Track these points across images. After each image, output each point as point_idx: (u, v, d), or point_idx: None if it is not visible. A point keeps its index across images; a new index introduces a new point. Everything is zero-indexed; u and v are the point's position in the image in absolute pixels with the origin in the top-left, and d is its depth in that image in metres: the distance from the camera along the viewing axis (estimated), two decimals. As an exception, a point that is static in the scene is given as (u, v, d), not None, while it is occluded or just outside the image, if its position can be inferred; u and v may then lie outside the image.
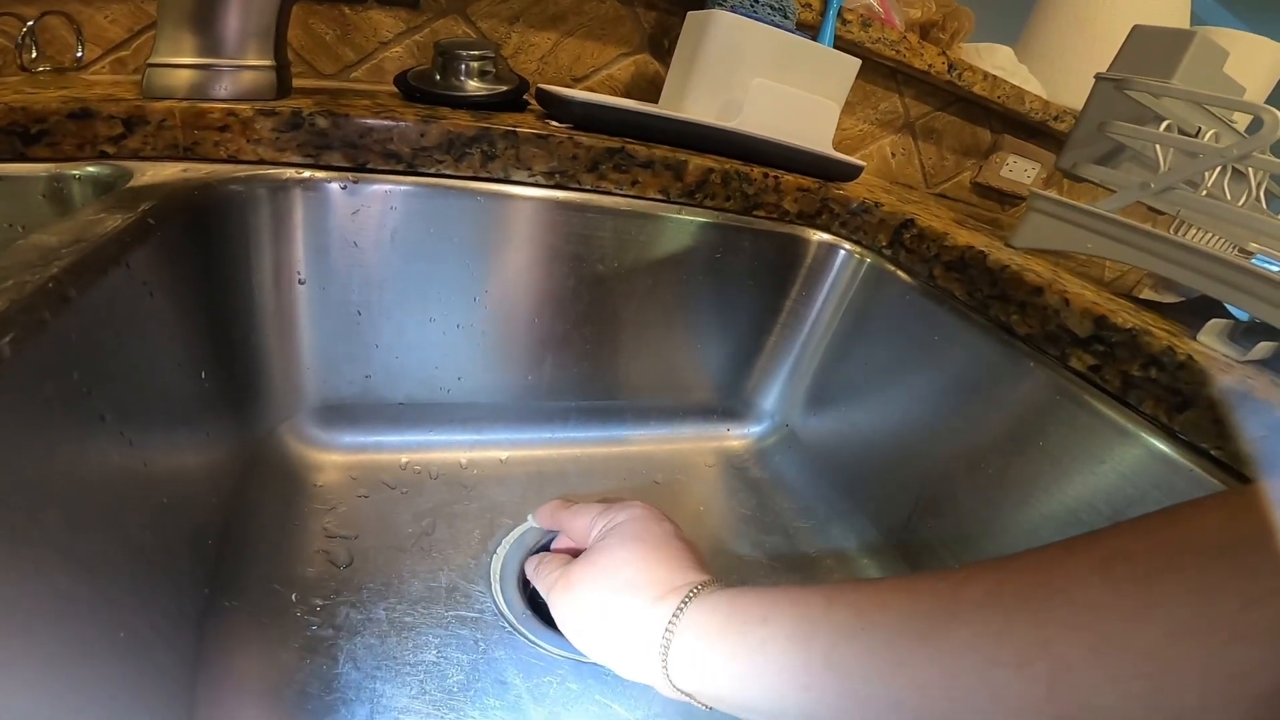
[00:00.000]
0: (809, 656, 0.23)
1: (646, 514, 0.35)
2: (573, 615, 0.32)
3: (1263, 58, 0.95)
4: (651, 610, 0.29)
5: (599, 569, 0.33)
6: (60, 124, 0.34)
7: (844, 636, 0.22)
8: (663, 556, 0.32)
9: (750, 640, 0.25)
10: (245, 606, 0.35)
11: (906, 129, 0.86)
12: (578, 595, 0.32)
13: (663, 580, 0.30)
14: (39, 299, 0.21)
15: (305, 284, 0.42)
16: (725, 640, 0.26)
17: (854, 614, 0.23)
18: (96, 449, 0.24)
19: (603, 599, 0.31)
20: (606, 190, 0.48)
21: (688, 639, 0.28)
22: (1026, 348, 0.42)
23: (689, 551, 0.33)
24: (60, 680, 0.20)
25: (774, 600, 0.26)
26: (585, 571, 0.33)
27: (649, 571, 0.31)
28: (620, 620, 0.30)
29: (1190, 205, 0.46)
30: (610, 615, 0.31)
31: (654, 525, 0.34)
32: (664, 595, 0.29)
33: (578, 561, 0.34)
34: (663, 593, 0.30)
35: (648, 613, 0.29)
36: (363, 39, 0.56)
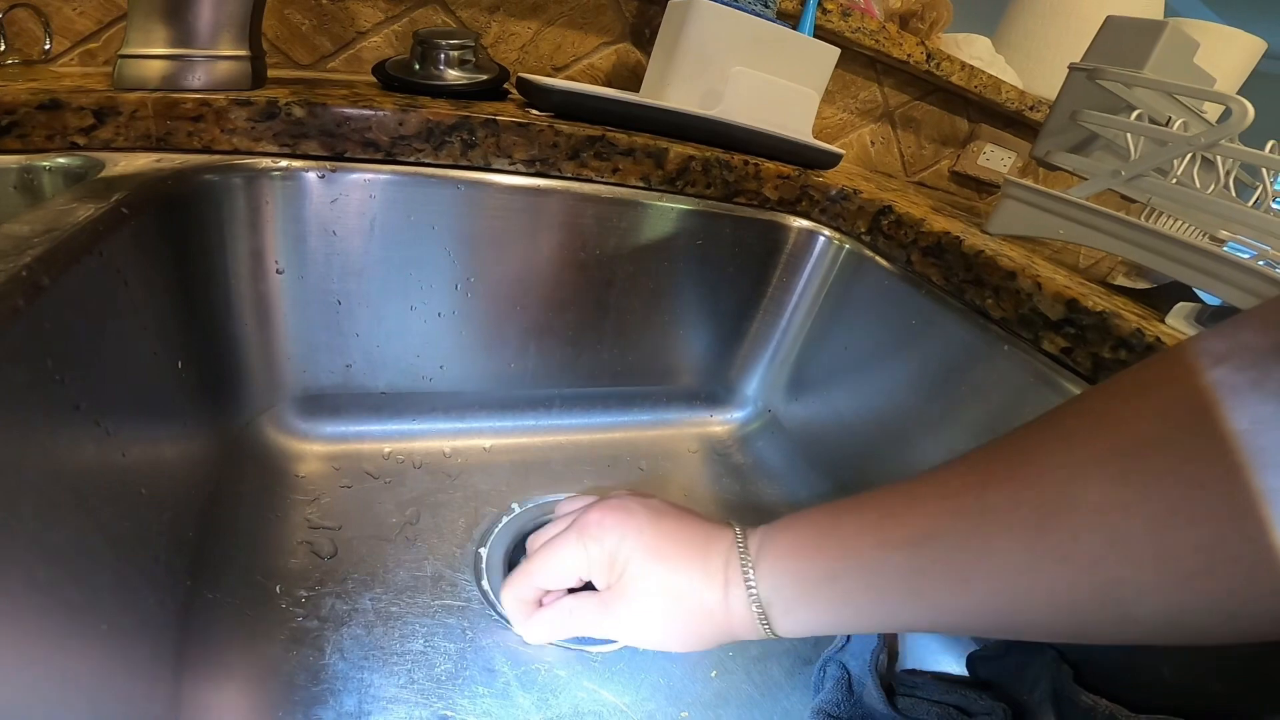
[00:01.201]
0: (889, 597, 0.26)
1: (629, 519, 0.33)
2: (637, 630, 0.32)
3: (1234, 49, 0.97)
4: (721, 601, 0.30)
5: (641, 597, 0.31)
6: (30, 115, 0.34)
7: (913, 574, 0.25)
8: (682, 544, 0.32)
9: (830, 597, 0.27)
10: (228, 598, 0.35)
11: (885, 118, 0.86)
12: (640, 625, 0.32)
13: (704, 568, 0.31)
14: (11, 286, 0.21)
15: (283, 273, 0.42)
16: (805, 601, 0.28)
17: (911, 553, 0.25)
18: (72, 438, 0.24)
19: (668, 616, 0.31)
20: (587, 178, 0.48)
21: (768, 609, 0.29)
22: (1001, 331, 0.42)
23: (687, 520, 0.33)
24: (43, 674, 0.20)
25: (830, 553, 0.27)
26: (629, 603, 0.32)
27: (688, 568, 0.31)
28: (696, 622, 0.31)
29: (1160, 192, 0.47)
30: (684, 624, 0.31)
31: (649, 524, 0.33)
32: (724, 582, 0.30)
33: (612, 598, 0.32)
34: (717, 575, 0.30)
35: (718, 605, 0.30)
36: (340, 28, 0.55)
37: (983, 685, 0.38)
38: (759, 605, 0.29)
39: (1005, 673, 0.38)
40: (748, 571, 0.29)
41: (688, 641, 0.32)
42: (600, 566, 0.32)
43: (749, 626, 0.30)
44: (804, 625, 0.29)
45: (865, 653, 0.39)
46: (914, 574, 0.24)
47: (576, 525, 0.33)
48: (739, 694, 0.39)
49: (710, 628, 0.31)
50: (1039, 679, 0.36)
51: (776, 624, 0.29)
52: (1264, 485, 0.17)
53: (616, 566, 0.32)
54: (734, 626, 0.30)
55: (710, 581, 0.30)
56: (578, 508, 0.36)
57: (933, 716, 0.35)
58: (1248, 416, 0.17)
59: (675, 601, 0.31)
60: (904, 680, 0.39)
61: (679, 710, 0.37)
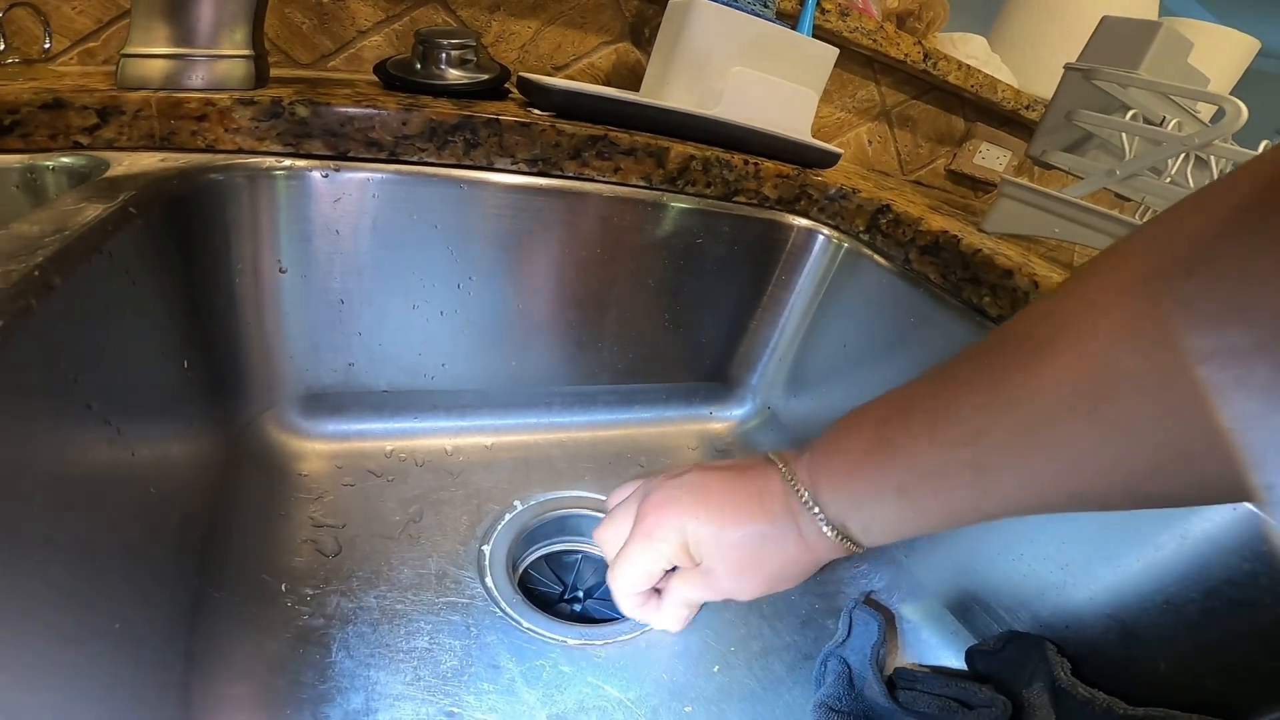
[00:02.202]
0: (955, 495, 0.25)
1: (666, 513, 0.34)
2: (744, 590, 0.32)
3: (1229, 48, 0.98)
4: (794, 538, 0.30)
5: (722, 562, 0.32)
6: (32, 115, 0.34)
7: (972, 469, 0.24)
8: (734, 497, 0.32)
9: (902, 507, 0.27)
10: (235, 597, 0.35)
11: (883, 117, 0.87)
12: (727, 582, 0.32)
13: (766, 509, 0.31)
14: (24, 287, 0.21)
15: (286, 272, 0.42)
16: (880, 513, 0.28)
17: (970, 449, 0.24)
18: (85, 438, 0.24)
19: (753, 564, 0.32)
20: (589, 177, 0.48)
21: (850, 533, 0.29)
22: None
23: (724, 474, 0.33)
24: (56, 671, 0.21)
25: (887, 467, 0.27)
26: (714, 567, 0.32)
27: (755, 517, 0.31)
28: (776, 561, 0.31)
29: (1154, 192, 0.47)
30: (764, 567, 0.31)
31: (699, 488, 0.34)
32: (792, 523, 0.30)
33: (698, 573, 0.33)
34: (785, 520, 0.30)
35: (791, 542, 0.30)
36: (340, 28, 0.55)
37: (982, 679, 0.39)
38: (834, 530, 0.29)
39: (1004, 667, 0.38)
40: (812, 507, 0.29)
41: (789, 578, 0.32)
42: (680, 557, 0.33)
43: (835, 549, 0.30)
44: (884, 535, 0.29)
45: (866, 647, 0.39)
46: (978, 470, 0.24)
47: (638, 532, 0.34)
48: (742, 688, 0.39)
49: (800, 564, 0.31)
50: (1037, 673, 0.36)
51: (858, 540, 0.29)
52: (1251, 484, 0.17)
53: (692, 552, 0.33)
54: (821, 554, 0.30)
55: (781, 527, 0.31)
56: (624, 498, 0.37)
57: (933, 709, 0.36)
58: (1232, 415, 0.18)
59: (760, 558, 0.31)
60: (904, 674, 0.39)
61: (683, 705, 0.37)
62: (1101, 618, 0.36)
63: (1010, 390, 0.23)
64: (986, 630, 0.42)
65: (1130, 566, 0.35)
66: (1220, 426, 0.18)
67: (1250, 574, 0.31)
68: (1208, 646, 0.33)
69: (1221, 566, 0.32)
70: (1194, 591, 0.33)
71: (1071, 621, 0.38)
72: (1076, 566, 0.38)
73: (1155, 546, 0.34)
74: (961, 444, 0.24)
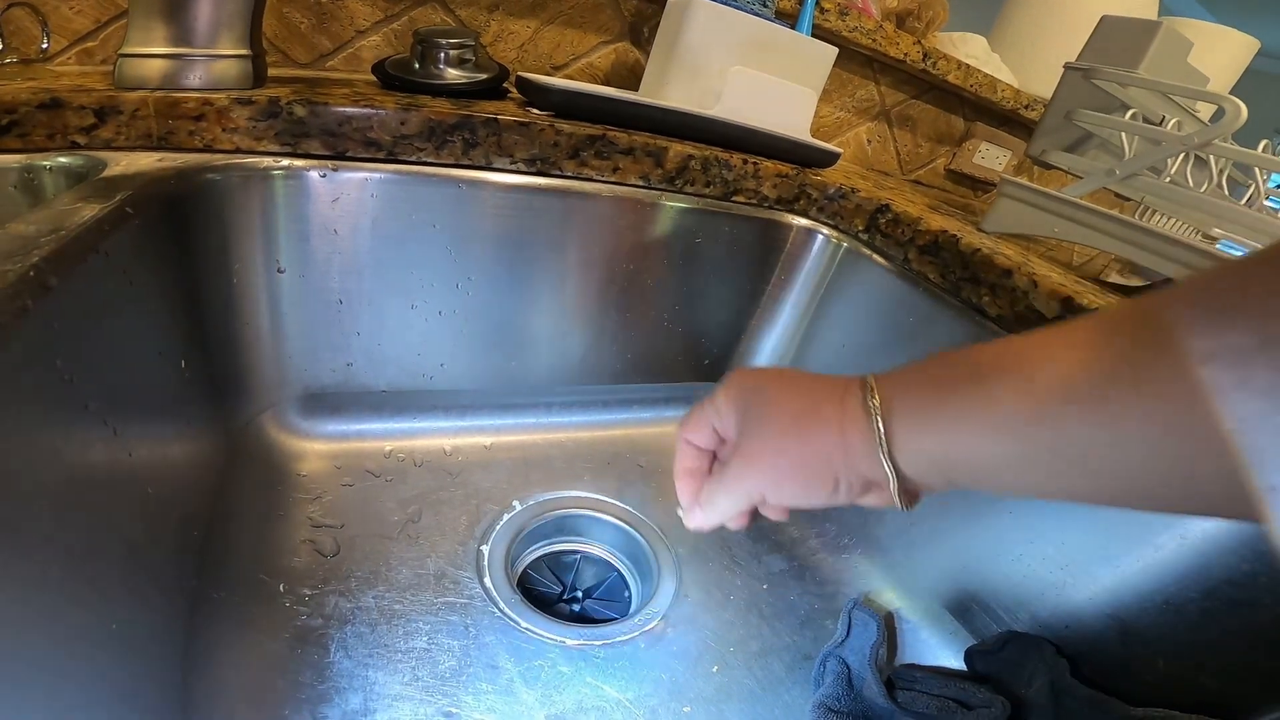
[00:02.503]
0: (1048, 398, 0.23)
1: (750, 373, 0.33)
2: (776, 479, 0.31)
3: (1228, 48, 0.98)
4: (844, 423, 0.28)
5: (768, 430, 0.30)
6: (30, 114, 0.34)
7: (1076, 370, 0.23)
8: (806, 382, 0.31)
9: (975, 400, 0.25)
10: (234, 597, 0.35)
11: (882, 116, 0.87)
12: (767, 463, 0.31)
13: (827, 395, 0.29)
14: (21, 287, 0.21)
15: (285, 272, 0.42)
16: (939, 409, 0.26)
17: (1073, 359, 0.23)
18: (82, 438, 0.24)
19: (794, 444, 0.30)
20: (588, 177, 0.48)
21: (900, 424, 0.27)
22: (997, 328, 0.43)
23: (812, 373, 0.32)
24: (55, 671, 0.21)
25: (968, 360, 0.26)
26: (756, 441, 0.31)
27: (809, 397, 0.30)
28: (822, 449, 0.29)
29: (1153, 191, 0.47)
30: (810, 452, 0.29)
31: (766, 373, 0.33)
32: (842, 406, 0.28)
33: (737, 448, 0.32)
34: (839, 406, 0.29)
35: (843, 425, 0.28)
36: (339, 27, 0.55)
37: (981, 679, 0.39)
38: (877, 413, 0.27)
39: (1003, 666, 0.38)
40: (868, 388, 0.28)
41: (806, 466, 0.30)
42: (731, 413, 0.32)
43: (867, 446, 0.27)
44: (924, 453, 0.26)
45: (865, 648, 0.39)
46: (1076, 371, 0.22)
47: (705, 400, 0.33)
48: (741, 689, 0.39)
49: (827, 451, 0.29)
50: (1036, 672, 0.36)
51: (896, 443, 0.27)
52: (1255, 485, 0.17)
53: (743, 408, 0.32)
54: (851, 447, 0.28)
55: (824, 405, 0.29)
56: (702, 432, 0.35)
57: (931, 709, 0.36)
58: (1234, 416, 0.18)
59: (791, 429, 0.30)
60: (903, 674, 0.39)
61: (681, 705, 0.37)
62: (1101, 618, 0.36)
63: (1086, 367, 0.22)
64: (985, 630, 0.42)
65: (1130, 566, 0.35)
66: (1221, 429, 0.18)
67: (1250, 574, 0.31)
68: (1207, 646, 0.33)
69: (1221, 566, 0.32)
70: (1193, 591, 0.33)
71: (1071, 621, 0.38)
72: (1076, 566, 0.38)
73: (1155, 547, 0.34)
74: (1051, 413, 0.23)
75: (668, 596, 0.44)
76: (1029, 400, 0.23)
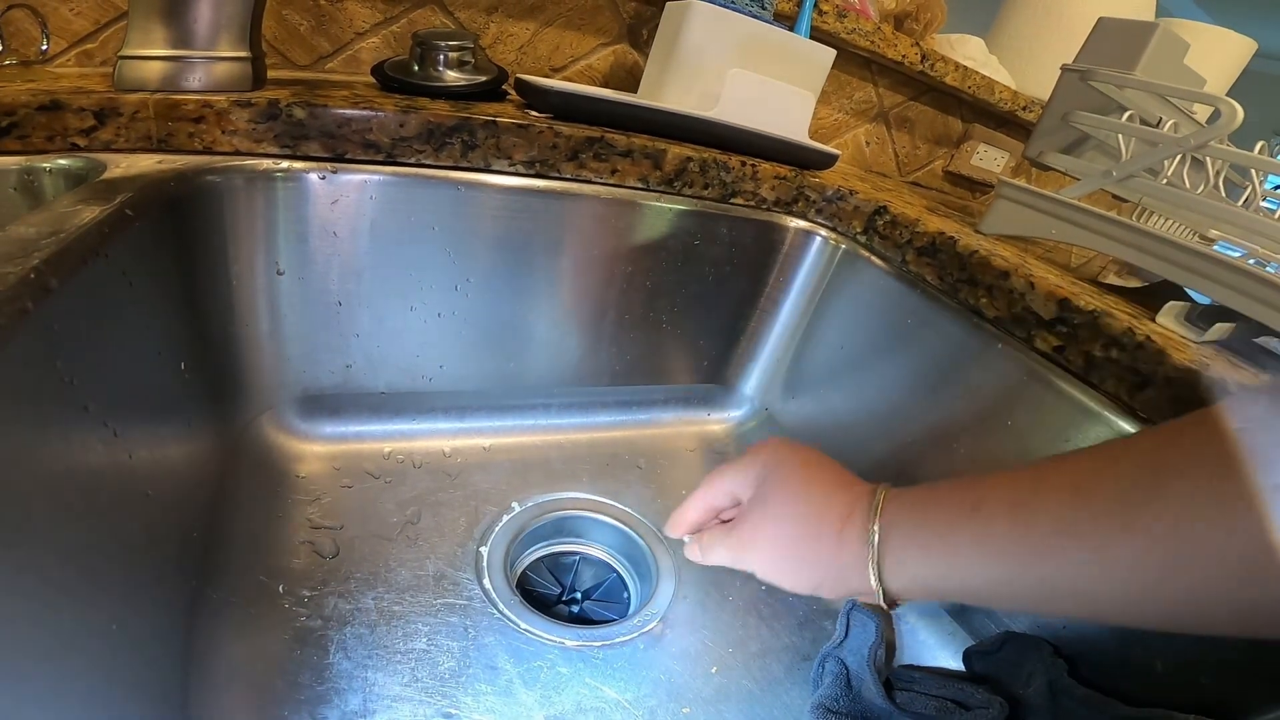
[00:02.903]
0: (1039, 531, 0.24)
1: (786, 448, 0.35)
2: (773, 565, 0.33)
3: (1225, 49, 0.98)
4: (846, 530, 0.30)
5: (777, 513, 0.33)
6: (30, 116, 0.34)
7: (1069, 507, 0.23)
8: (825, 478, 0.33)
9: (971, 526, 0.26)
10: (233, 598, 0.35)
11: (880, 118, 0.87)
12: (769, 546, 0.33)
13: (840, 500, 0.31)
14: (21, 289, 0.21)
15: (284, 274, 0.42)
16: (938, 532, 0.27)
17: (1069, 489, 0.24)
18: (82, 440, 0.24)
19: (795, 537, 0.32)
20: (586, 179, 0.48)
21: (894, 545, 0.28)
22: (995, 330, 0.43)
23: (838, 466, 0.34)
24: (54, 672, 0.21)
25: (974, 489, 0.27)
26: (762, 520, 0.33)
27: (824, 496, 0.32)
28: (820, 551, 0.31)
29: (1150, 193, 0.47)
30: (808, 550, 0.31)
31: (798, 456, 0.34)
32: (849, 512, 0.30)
33: (748, 517, 0.34)
34: (846, 511, 0.30)
35: (844, 533, 0.30)
36: (338, 29, 0.55)
37: (979, 679, 0.39)
38: (875, 540, 0.29)
39: (1002, 667, 0.38)
40: (874, 507, 0.29)
41: (800, 560, 0.32)
42: (750, 480, 0.34)
43: (858, 561, 0.29)
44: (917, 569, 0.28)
45: (863, 648, 0.39)
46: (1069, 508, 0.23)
47: (742, 457, 0.36)
48: (740, 690, 0.39)
49: (821, 554, 0.31)
50: (1035, 673, 0.36)
51: (887, 566, 0.29)
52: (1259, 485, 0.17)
53: (761, 480, 0.34)
54: (844, 557, 0.30)
55: (831, 508, 0.31)
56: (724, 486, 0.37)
57: (930, 710, 0.36)
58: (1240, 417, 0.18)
59: (795, 521, 0.32)
60: (901, 675, 0.39)
61: (680, 706, 0.37)
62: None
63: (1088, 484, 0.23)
64: (984, 630, 0.43)
65: (1127, 567, 0.35)
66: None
67: (1246, 574, 0.31)
68: (1206, 646, 0.33)
69: (1218, 566, 0.32)
70: (1190, 591, 0.33)
71: (1069, 621, 0.38)
72: (1073, 567, 0.38)
73: (1152, 547, 0.34)
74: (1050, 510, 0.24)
75: (666, 597, 0.44)
76: (1025, 536, 0.25)
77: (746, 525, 0.34)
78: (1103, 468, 0.24)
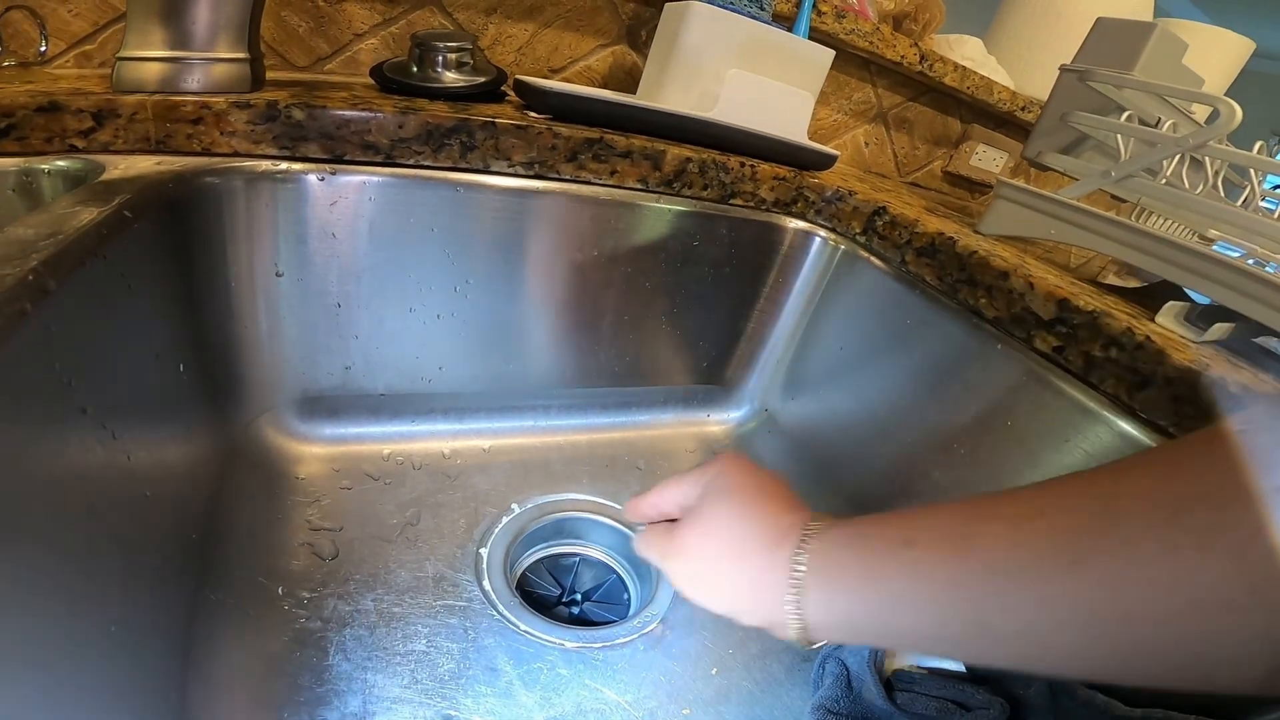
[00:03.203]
0: (970, 570, 0.23)
1: (733, 465, 0.34)
2: (690, 574, 0.32)
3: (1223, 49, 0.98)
4: (772, 555, 0.29)
5: (706, 527, 0.32)
6: (28, 118, 0.34)
7: (1006, 547, 0.22)
8: (765, 500, 0.32)
9: (899, 562, 0.25)
10: (232, 600, 0.35)
11: (879, 119, 0.87)
12: (692, 558, 0.32)
13: (773, 524, 0.30)
14: (19, 290, 0.21)
15: (283, 276, 0.42)
16: (866, 567, 0.26)
17: (1008, 525, 0.22)
18: (81, 442, 0.24)
19: (717, 554, 0.31)
20: (585, 180, 0.48)
21: (820, 574, 0.27)
22: (994, 330, 0.43)
23: (785, 490, 0.33)
24: (52, 673, 0.21)
25: (909, 522, 0.26)
26: (692, 531, 0.32)
27: (758, 518, 0.31)
28: (741, 570, 0.30)
29: (1149, 193, 0.47)
30: (728, 568, 0.30)
31: (743, 474, 0.34)
32: (780, 538, 0.29)
33: (683, 524, 0.33)
34: (778, 536, 0.29)
35: (769, 558, 0.29)
36: (337, 31, 0.55)
37: (980, 680, 0.39)
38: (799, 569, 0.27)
39: (1001, 667, 0.38)
40: (806, 536, 0.28)
41: (719, 579, 0.31)
42: (695, 492, 0.34)
43: (778, 590, 0.28)
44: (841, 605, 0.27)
45: (864, 649, 0.39)
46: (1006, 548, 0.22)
47: (701, 464, 0.35)
48: (740, 691, 0.39)
49: (741, 578, 0.30)
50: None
51: (808, 600, 0.27)
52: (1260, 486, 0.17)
53: (704, 493, 0.33)
54: (765, 584, 0.28)
55: (763, 532, 0.30)
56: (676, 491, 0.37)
57: (931, 711, 0.36)
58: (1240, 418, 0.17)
59: (723, 540, 0.31)
60: (902, 676, 0.39)
61: (680, 708, 0.37)
62: (1098, 618, 0.36)
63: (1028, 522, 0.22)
64: (984, 631, 0.42)
65: (1127, 567, 0.35)
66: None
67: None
68: (1204, 646, 0.33)
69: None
70: (1190, 591, 0.33)
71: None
72: (1073, 567, 0.38)
73: (1152, 547, 0.34)
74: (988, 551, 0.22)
75: (666, 599, 0.44)
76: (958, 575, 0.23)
77: (678, 534, 0.33)
78: (1048, 505, 0.22)
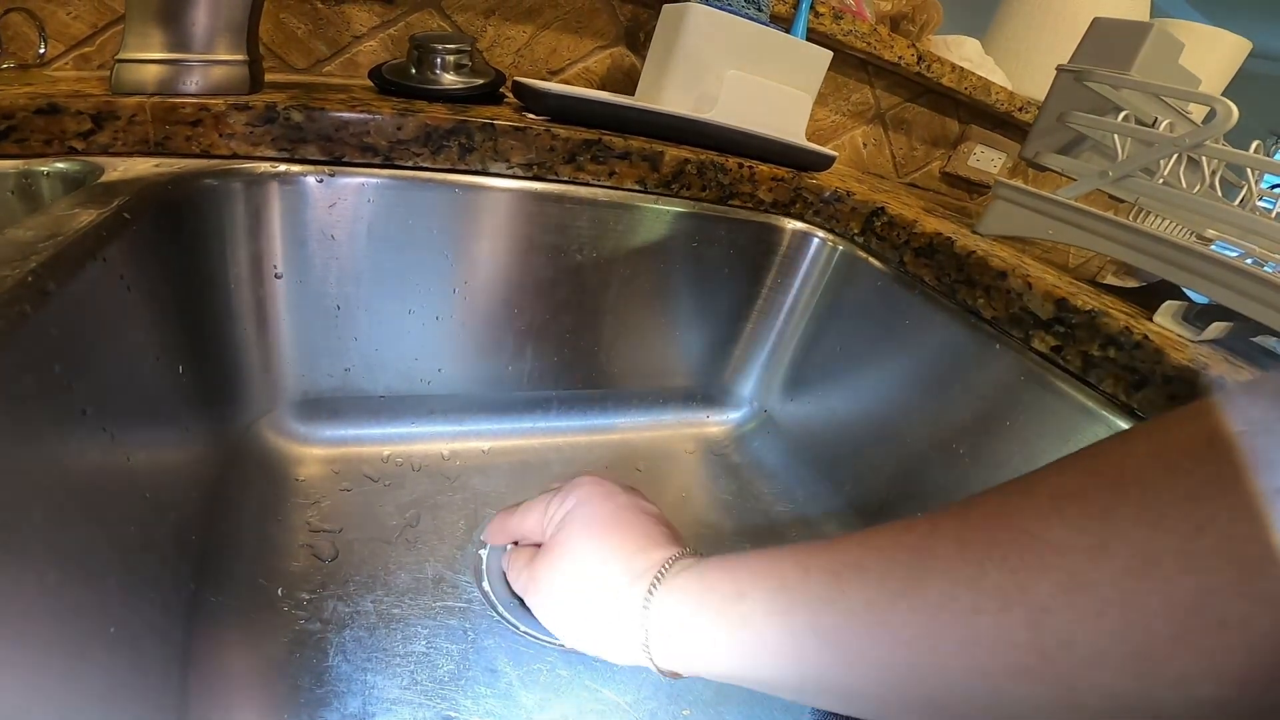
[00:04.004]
0: (792, 627, 0.23)
1: (595, 492, 0.34)
2: (548, 611, 0.32)
3: (1219, 49, 0.98)
4: (623, 596, 0.29)
5: (559, 564, 0.32)
6: (27, 120, 0.34)
7: (824, 603, 0.22)
8: (622, 536, 0.31)
9: (730, 617, 0.25)
10: (232, 601, 0.35)
11: (877, 119, 0.87)
12: (545, 593, 0.32)
13: (626, 563, 0.30)
14: (19, 292, 0.21)
15: (282, 278, 0.42)
16: (703, 619, 0.26)
17: (831, 579, 0.22)
18: (79, 443, 0.24)
19: (571, 592, 0.31)
20: (584, 181, 0.48)
21: (664, 623, 0.27)
22: (993, 330, 0.43)
23: (648, 523, 0.32)
24: (52, 676, 0.21)
25: (747, 572, 0.26)
26: (547, 567, 0.32)
27: (611, 557, 0.30)
28: (594, 612, 0.30)
29: (1146, 193, 0.48)
30: (582, 608, 0.30)
31: (605, 504, 0.33)
32: (632, 581, 0.29)
33: (540, 556, 0.33)
34: (630, 578, 0.29)
35: (619, 600, 0.29)
36: (335, 33, 0.55)
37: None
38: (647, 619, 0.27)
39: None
40: (661, 572, 0.28)
41: (576, 616, 0.31)
42: (553, 522, 0.34)
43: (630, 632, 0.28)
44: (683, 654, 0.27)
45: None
46: (825, 604, 0.22)
47: (563, 485, 0.36)
48: (740, 691, 0.39)
49: (595, 616, 0.29)
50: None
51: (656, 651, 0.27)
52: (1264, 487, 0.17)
53: (562, 523, 0.33)
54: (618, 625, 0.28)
55: (619, 569, 0.29)
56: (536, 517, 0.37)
57: (930, 710, 0.36)
58: (1241, 419, 0.17)
59: (578, 576, 0.31)
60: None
61: (680, 709, 0.37)
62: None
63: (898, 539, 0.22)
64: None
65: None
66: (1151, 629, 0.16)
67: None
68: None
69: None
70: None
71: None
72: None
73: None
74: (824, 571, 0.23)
75: (666, 599, 0.44)
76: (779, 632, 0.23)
77: (537, 569, 0.33)
78: (864, 557, 0.22)
